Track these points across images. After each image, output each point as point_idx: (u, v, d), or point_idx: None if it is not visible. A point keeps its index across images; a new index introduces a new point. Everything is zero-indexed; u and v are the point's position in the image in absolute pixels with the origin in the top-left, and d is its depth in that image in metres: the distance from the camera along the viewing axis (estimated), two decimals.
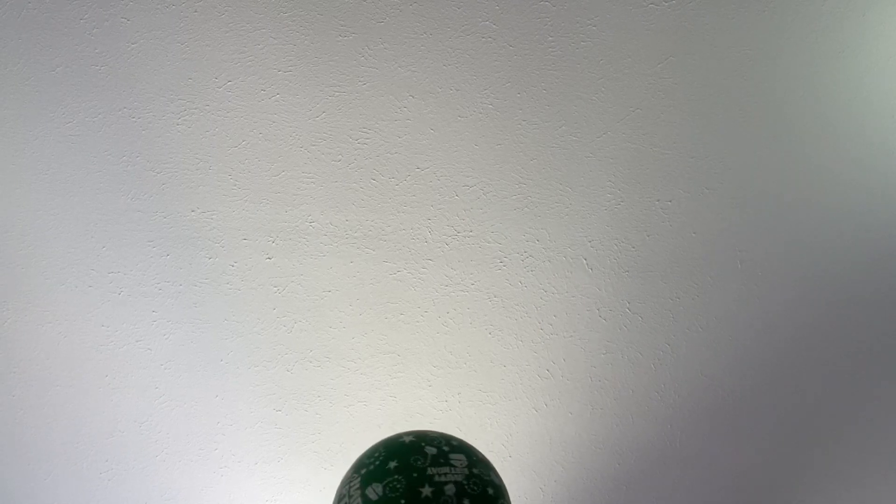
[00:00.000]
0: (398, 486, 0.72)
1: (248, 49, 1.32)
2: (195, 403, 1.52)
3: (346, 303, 1.44)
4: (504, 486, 0.80)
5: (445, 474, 0.74)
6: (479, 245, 1.40)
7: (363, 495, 0.73)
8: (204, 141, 1.37)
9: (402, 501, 0.71)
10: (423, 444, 0.78)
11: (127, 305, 1.47)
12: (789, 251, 1.37)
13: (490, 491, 0.75)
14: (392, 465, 0.75)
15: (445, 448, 0.78)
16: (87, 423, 1.55)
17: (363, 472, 0.76)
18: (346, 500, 0.75)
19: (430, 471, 0.74)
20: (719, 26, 1.27)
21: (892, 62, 1.28)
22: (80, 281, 1.46)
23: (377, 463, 0.76)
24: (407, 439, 0.79)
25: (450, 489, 0.72)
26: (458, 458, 0.77)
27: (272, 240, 1.42)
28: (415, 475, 0.73)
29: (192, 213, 1.41)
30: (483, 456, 0.82)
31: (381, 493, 0.72)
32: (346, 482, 0.78)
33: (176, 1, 1.29)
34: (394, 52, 1.31)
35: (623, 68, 1.29)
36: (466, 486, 0.73)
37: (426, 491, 0.71)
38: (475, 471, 0.76)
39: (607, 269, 1.39)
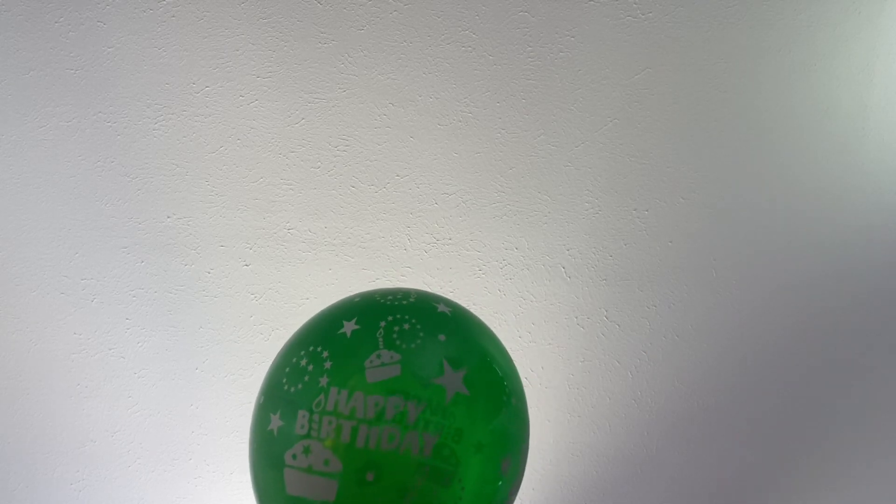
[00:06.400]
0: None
1: (227, 54, 1.31)
2: (169, 412, 1.49)
3: None
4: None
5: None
6: (458, 253, 1.40)
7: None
8: (181, 146, 1.35)
9: None
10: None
11: (100, 312, 1.45)
12: (764, 260, 1.39)
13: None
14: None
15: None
16: (58, 432, 1.52)
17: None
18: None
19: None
20: (695, 39, 1.28)
21: (864, 75, 1.31)
22: (52, 287, 1.44)
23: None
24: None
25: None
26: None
27: (250, 246, 1.40)
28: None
29: (168, 220, 1.39)
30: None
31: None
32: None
33: (153, 5, 1.28)
34: (374, 60, 1.31)
35: (601, 79, 1.31)
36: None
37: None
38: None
39: (585, 278, 1.40)
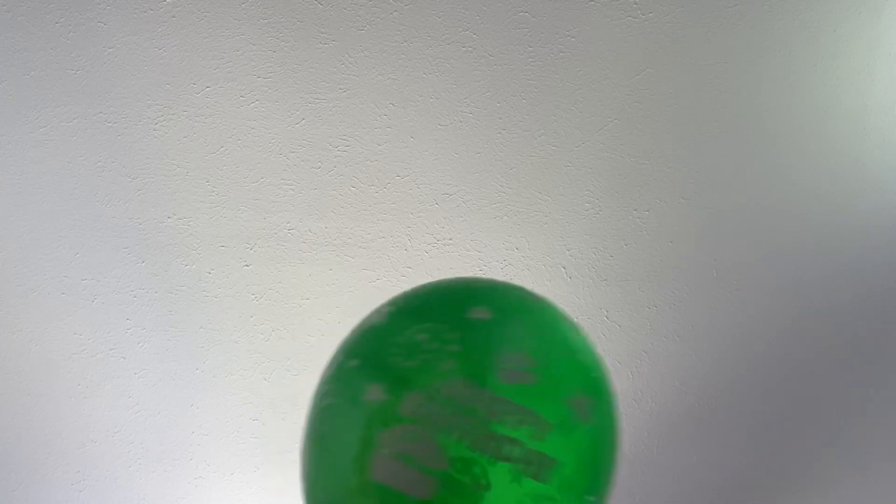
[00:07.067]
0: None
1: (227, 55, 1.31)
2: (170, 413, 1.49)
3: (324, 311, 1.43)
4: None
5: None
6: (458, 253, 1.40)
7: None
8: (181, 147, 1.35)
9: None
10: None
11: (101, 313, 1.45)
12: (765, 260, 1.39)
13: None
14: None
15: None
16: (59, 432, 1.52)
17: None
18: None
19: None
20: (696, 39, 1.28)
21: (863, 76, 1.31)
22: (52, 288, 1.44)
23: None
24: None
25: None
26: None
27: (250, 247, 1.40)
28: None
29: (169, 220, 1.39)
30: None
31: None
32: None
33: (154, 6, 1.28)
34: (374, 60, 1.31)
35: (601, 79, 1.31)
36: None
37: None
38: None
39: (586, 278, 1.40)
